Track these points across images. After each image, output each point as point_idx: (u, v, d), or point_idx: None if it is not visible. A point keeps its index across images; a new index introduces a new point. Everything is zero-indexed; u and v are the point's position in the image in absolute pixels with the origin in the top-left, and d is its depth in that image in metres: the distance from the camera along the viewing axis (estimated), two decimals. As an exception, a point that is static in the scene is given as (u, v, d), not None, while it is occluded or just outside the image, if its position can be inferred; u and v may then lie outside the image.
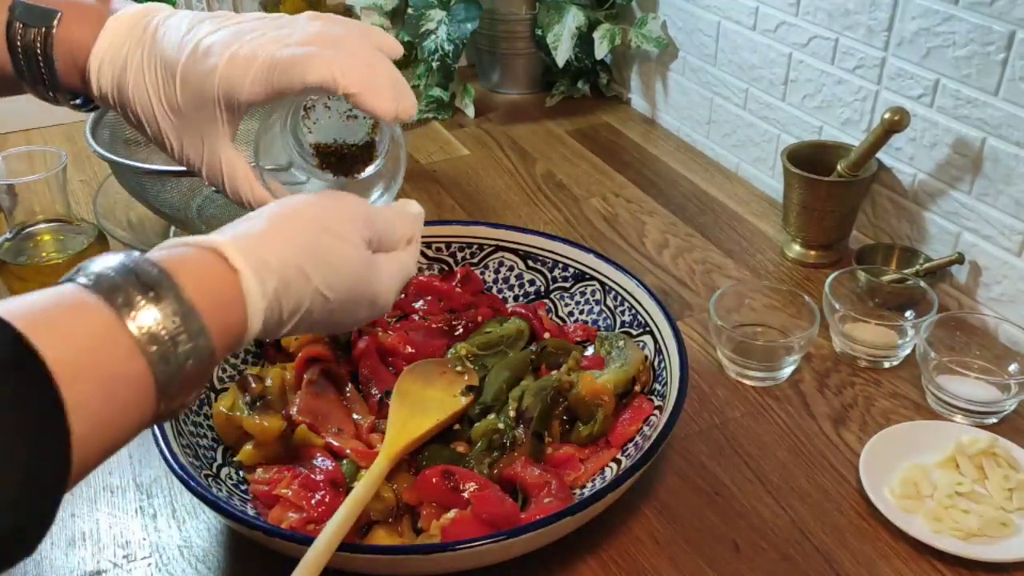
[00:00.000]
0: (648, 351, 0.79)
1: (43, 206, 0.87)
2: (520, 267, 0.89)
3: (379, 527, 0.67)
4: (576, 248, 0.88)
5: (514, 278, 0.89)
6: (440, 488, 0.66)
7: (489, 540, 0.59)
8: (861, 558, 0.68)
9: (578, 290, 0.87)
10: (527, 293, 0.89)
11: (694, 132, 1.29)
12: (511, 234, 0.90)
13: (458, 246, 0.90)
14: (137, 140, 1.06)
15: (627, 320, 0.82)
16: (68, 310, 0.40)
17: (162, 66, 0.59)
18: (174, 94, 0.59)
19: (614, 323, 0.83)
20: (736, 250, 1.06)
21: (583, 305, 0.87)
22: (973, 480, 0.73)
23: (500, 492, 0.67)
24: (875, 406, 0.83)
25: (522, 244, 0.89)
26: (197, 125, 0.59)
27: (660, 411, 0.73)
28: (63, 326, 0.39)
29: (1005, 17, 0.82)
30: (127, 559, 0.69)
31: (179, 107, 0.59)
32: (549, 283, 0.89)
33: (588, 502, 0.62)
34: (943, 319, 0.86)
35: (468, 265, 0.90)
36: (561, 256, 0.88)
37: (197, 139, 0.60)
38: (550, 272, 0.88)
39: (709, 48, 1.21)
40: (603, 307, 0.85)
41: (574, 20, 1.31)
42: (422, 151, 1.28)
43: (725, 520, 0.72)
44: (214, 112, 0.58)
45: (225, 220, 0.98)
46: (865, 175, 0.97)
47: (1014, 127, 0.84)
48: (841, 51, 1.00)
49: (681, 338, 0.76)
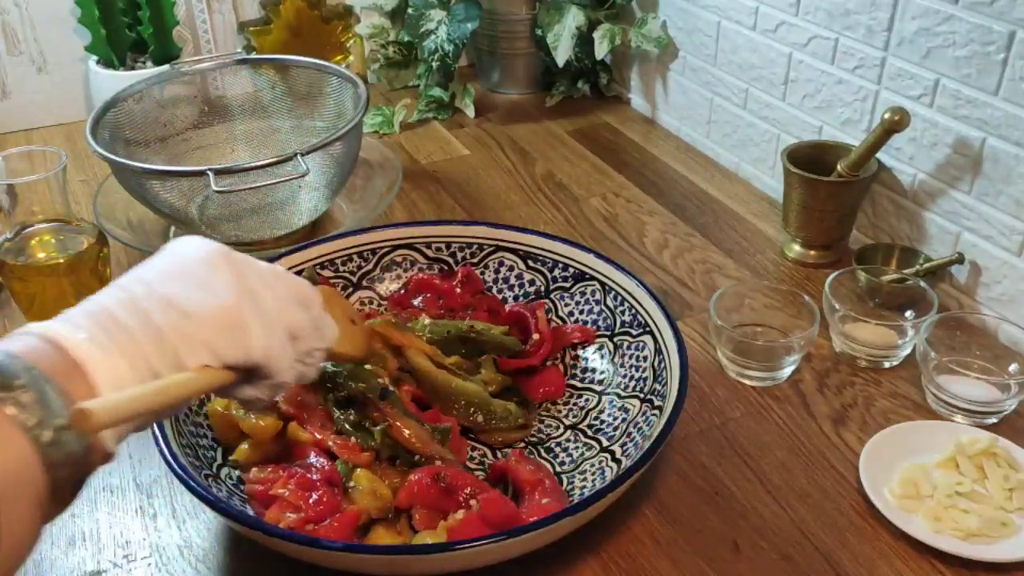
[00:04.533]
0: (648, 351, 0.79)
1: (43, 206, 0.87)
2: (520, 267, 0.89)
3: (379, 525, 0.67)
4: (576, 248, 0.88)
5: (514, 278, 0.90)
6: (432, 491, 0.66)
7: (488, 540, 0.59)
8: (861, 558, 0.68)
9: (578, 290, 0.87)
10: (527, 293, 0.89)
11: (694, 132, 1.29)
12: (511, 234, 0.90)
13: (458, 246, 0.90)
14: (137, 140, 1.06)
15: (627, 320, 0.82)
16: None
17: None
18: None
19: (614, 323, 0.83)
20: (736, 250, 1.06)
21: (583, 305, 0.87)
22: (973, 480, 0.73)
23: (502, 495, 0.67)
24: (875, 406, 0.83)
25: (522, 244, 0.89)
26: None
27: (660, 411, 0.73)
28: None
29: (1005, 17, 0.82)
30: (127, 559, 0.69)
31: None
32: (549, 283, 0.89)
33: (588, 502, 0.62)
34: (943, 319, 0.86)
35: (468, 265, 0.90)
36: (561, 256, 0.88)
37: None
38: (550, 272, 0.88)
39: (709, 48, 1.21)
40: (603, 307, 0.85)
41: (574, 20, 1.31)
42: (422, 151, 1.28)
43: (725, 520, 0.72)
44: None
45: (225, 220, 0.99)
46: (865, 175, 0.97)
47: (1014, 127, 0.84)
48: (841, 51, 1.00)
49: (681, 338, 0.76)
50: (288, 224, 1.02)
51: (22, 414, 0.41)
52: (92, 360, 0.46)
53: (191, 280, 0.51)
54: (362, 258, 0.90)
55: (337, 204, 1.11)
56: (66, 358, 0.45)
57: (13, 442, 0.41)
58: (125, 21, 1.30)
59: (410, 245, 0.91)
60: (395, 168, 1.10)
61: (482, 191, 1.18)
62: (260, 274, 0.55)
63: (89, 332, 0.47)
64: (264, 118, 1.15)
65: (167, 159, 1.09)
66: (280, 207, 1.01)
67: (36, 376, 0.43)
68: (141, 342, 0.48)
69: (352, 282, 0.90)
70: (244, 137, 1.15)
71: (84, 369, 0.45)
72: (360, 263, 0.90)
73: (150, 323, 0.49)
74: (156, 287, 0.50)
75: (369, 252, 0.90)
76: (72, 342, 0.46)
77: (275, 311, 0.54)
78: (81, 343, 0.46)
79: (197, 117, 1.13)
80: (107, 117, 1.01)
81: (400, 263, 0.91)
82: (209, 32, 1.38)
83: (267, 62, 1.13)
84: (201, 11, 1.37)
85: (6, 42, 1.30)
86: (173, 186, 0.95)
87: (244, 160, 1.11)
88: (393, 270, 0.91)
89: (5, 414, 0.41)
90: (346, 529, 0.64)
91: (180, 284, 0.51)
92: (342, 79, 1.08)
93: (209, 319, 0.50)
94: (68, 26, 1.32)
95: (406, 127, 1.35)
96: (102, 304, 0.49)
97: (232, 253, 0.54)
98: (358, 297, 0.90)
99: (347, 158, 1.02)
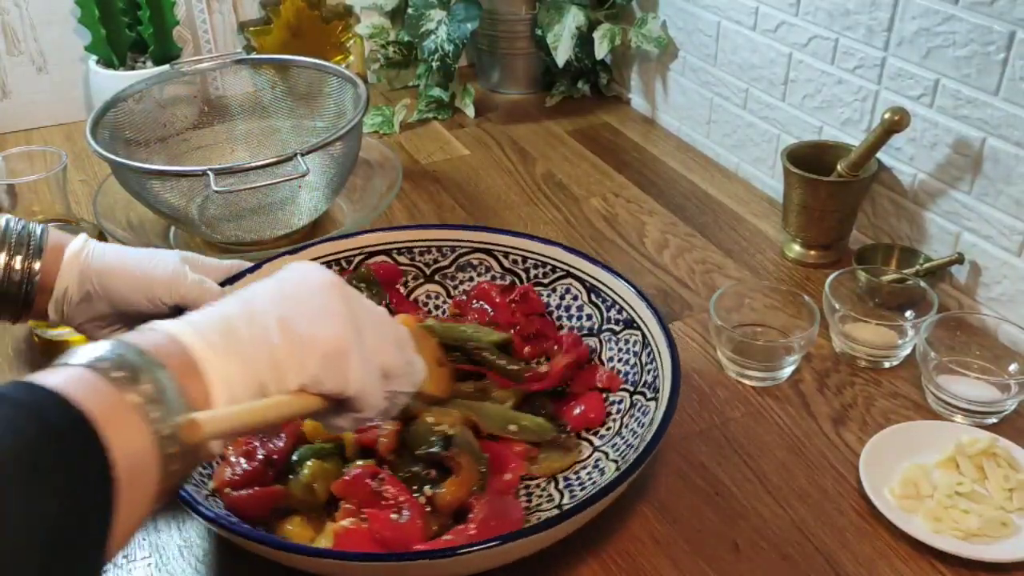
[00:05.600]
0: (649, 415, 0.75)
1: (43, 206, 0.87)
2: (583, 298, 0.86)
3: (298, 515, 0.68)
4: (634, 293, 0.81)
5: (575, 308, 0.86)
6: (365, 489, 0.67)
7: (487, 545, 0.59)
8: (861, 558, 0.68)
9: (624, 336, 0.82)
10: (582, 327, 0.85)
11: (694, 132, 1.29)
12: (582, 263, 0.86)
13: (533, 263, 0.88)
14: (137, 140, 1.06)
15: (648, 380, 0.77)
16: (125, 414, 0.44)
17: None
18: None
19: (641, 374, 0.78)
20: (736, 250, 1.06)
21: (622, 354, 0.82)
22: (973, 480, 0.73)
23: (390, 519, 0.66)
24: (875, 406, 0.83)
25: (589, 276, 0.85)
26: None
27: (656, 401, 0.72)
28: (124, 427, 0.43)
29: (1005, 17, 0.82)
30: (127, 559, 0.69)
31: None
32: (602, 322, 0.84)
33: (582, 507, 0.62)
34: (943, 319, 0.86)
35: (535, 284, 0.88)
36: (619, 298, 0.83)
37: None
38: (606, 311, 0.84)
39: (709, 48, 1.21)
40: (637, 360, 0.80)
41: (574, 20, 1.31)
42: (422, 151, 1.28)
43: (725, 520, 0.72)
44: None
45: (225, 220, 0.99)
46: (865, 175, 0.97)
47: (1014, 127, 0.84)
48: (841, 51, 1.00)
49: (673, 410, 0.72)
50: (288, 224, 1.03)
51: (147, 405, 0.44)
52: (210, 364, 0.49)
53: (306, 307, 0.55)
54: (440, 252, 0.90)
55: (337, 204, 1.11)
56: (188, 359, 0.49)
57: (138, 430, 0.44)
58: (125, 21, 1.30)
59: (488, 251, 0.90)
60: (395, 168, 1.10)
61: (482, 191, 1.18)
62: (366, 311, 0.58)
63: (211, 338, 0.50)
64: (264, 118, 1.15)
65: (167, 159, 1.09)
66: (280, 207, 1.01)
67: (162, 373, 0.46)
68: (255, 357, 0.52)
69: (425, 274, 0.90)
70: (244, 137, 1.15)
71: (202, 371, 0.49)
72: (437, 256, 0.90)
73: (266, 341, 0.52)
74: (274, 307, 0.54)
75: (448, 248, 0.90)
76: (195, 345, 0.49)
77: (374, 349, 0.57)
78: (203, 347, 0.49)
79: (197, 117, 1.13)
80: (107, 117, 1.01)
81: (476, 266, 0.90)
82: (209, 32, 1.38)
83: (267, 62, 1.13)
84: (201, 11, 1.37)
85: (6, 42, 1.30)
86: (173, 186, 0.95)
87: (244, 160, 1.11)
88: (467, 271, 0.90)
89: (133, 403, 0.44)
90: (256, 503, 0.66)
91: (295, 308, 0.54)
92: (342, 79, 1.08)
93: (318, 348, 0.54)
94: (68, 26, 1.32)
95: (406, 127, 1.35)
96: (224, 314, 0.53)
97: (345, 286, 0.57)
98: (425, 290, 0.90)
99: (347, 158, 1.02)
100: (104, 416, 0.41)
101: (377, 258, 0.89)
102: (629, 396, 0.77)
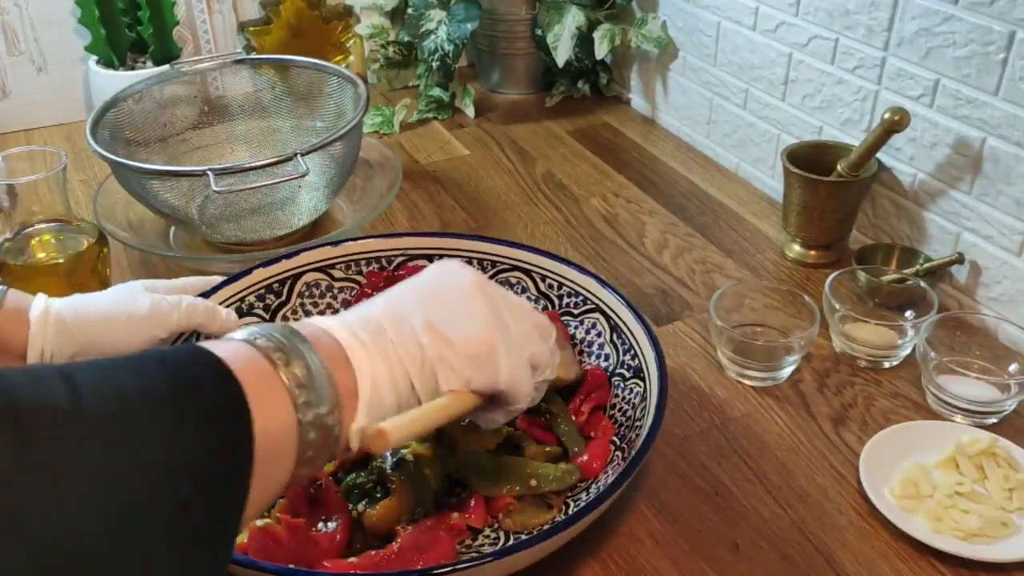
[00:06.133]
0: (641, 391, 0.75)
1: (43, 206, 0.87)
2: (606, 336, 0.83)
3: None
4: (647, 338, 0.77)
5: (598, 345, 0.83)
6: (302, 494, 0.67)
7: (487, 560, 0.59)
8: (861, 558, 0.68)
9: (631, 384, 0.78)
10: (601, 366, 0.82)
11: (694, 132, 1.29)
12: (612, 300, 0.82)
13: (568, 291, 0.85)
14: (137, 140, 1.06)
15: (631, 438, 0.73)
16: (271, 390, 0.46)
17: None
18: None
19: (631, 427, 0.74)
20: (736, 250, 1.06)
21: (623, 404, 0.78)
22: (973, 480, 0.73)
23: (306, 526, 0.65)
24: (875, 406, 0.83)
25: (614, 313, 0.82)
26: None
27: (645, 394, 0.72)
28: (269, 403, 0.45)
29: (1005, 17, 0.82)
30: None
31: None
32: (617, 365, 0.81)
33: (575, 519, 0.61)
34: (943, 319, 0.86)
35: (563, 313, 0.85)
36: (634, 342, 0.79)
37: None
38: (623, 354, 0.81)
39: (709, 48, 1.21)
40: (632, 413, 0.76)
41: (574, 20, 1.31)
42: (422, 151, 1.28)
43: (725, 520, 0.72)
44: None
45: (225, 220, 0.99)
46: (865, 175, 0.97)
47: (1014, 127, 0.84)
48: (841, 51, 1.00)
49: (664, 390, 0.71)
50: (288, 224, 1.03)
51: (296, 389, 0.46)
52: (360, 362, 0.51)
53: (450, 307, 0.57)
54: (480, 266, 0.87)
55: (337, 204, 1.11)
56: (340, 353, 0.51)
57: (284, 410, 0.46)
58: (125, 21, 1.30)
59: (527, 271, 0.87)
60: (395, 168, 1.10)
61: (482, 191, 1.18)
62: (510, 306, 0.60)
63: (361, 336, 0.52)
64: (264, 118, 1.15)
65: (167, 159, 1.09)
66: (280, 207, 1.01)
67: (317, 362, 0.48)
68: (403, 357, 0.54)
69: None
70: (244, 137, 1.15)
71: (352, 367, 0.51)
72: (478, 269, 0.86)
73: (415, 342, 0.55)
74: (420, 308, 0.56)
75: (489, 263, 0.88)
76: (347, 341, 0.52)
77: (520, 343, 0.59)
78: (354, 344, 0.52)
79: (197, 117, 1.13)
80: (107, 117, 1.01)
81: (513, 285, 0.87)
82: (209, 32, 1.38)
83: (267, 62, 1.13)
84: (201, 11, 1.37)
85: (6, 42, 1.30)
86: (173, 186, 0.95)
87: (244, 160, 1.11)
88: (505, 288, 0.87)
89: (284, 384, 0.46)
90: None
91: (440, 309, 0.56)
92: (342, 79, 1.08)
93: (466, 348, 0.56)
94: (68, 26, 1.32)
95: (406, 127, 1.35)
96: (373, 315, 0.55)
97: (487, 284, 0.59)
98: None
99: (347, 158, 1.02)
100: (256, 388, 0.43)
101: (416, 262, 0.88)
102: (613, 449, 0.74)
